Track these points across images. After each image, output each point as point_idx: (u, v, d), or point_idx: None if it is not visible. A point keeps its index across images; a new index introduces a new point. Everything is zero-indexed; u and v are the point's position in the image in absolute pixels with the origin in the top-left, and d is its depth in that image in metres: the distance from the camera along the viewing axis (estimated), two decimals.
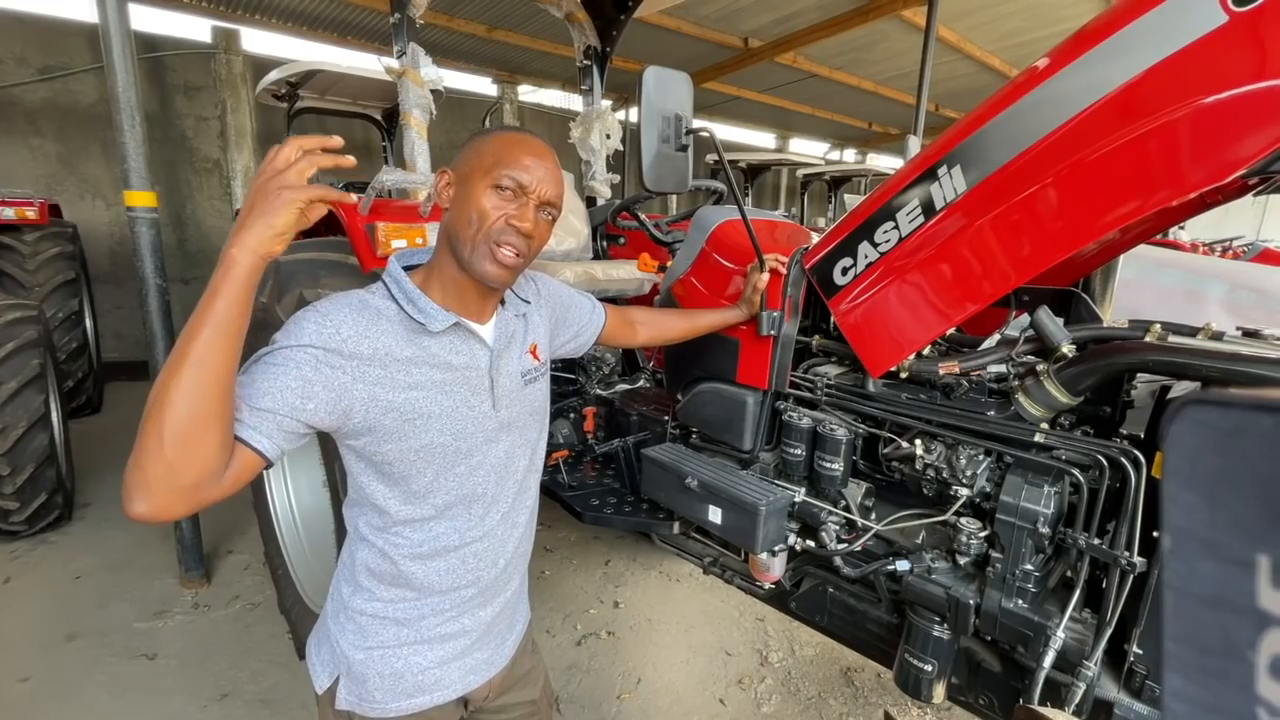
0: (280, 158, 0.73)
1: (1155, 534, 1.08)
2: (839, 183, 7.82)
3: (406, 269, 0.97)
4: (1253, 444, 0.22)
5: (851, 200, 7.24)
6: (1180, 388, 1.16)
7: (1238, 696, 0.23)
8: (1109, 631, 1.12)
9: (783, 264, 1.56)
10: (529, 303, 1.11)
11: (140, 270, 2.45)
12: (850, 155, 14.68)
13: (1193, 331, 1.18)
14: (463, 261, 0.93)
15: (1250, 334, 1.18)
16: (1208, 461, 0.23)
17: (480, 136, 0.96)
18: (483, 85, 9.32)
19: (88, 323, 4.81)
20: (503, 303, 1.05)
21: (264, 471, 2.60)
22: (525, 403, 1.06)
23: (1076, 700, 1.10)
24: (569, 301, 1.27)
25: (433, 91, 2.26)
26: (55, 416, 3.24)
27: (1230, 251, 6.44)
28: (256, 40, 7.21)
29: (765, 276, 1.54)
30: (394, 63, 2.26)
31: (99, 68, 6.00)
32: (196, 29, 6.86)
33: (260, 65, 6.78)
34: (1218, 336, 1.15)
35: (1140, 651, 1.10)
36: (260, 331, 2.14)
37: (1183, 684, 0.25)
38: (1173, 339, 1.13)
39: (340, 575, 1.04)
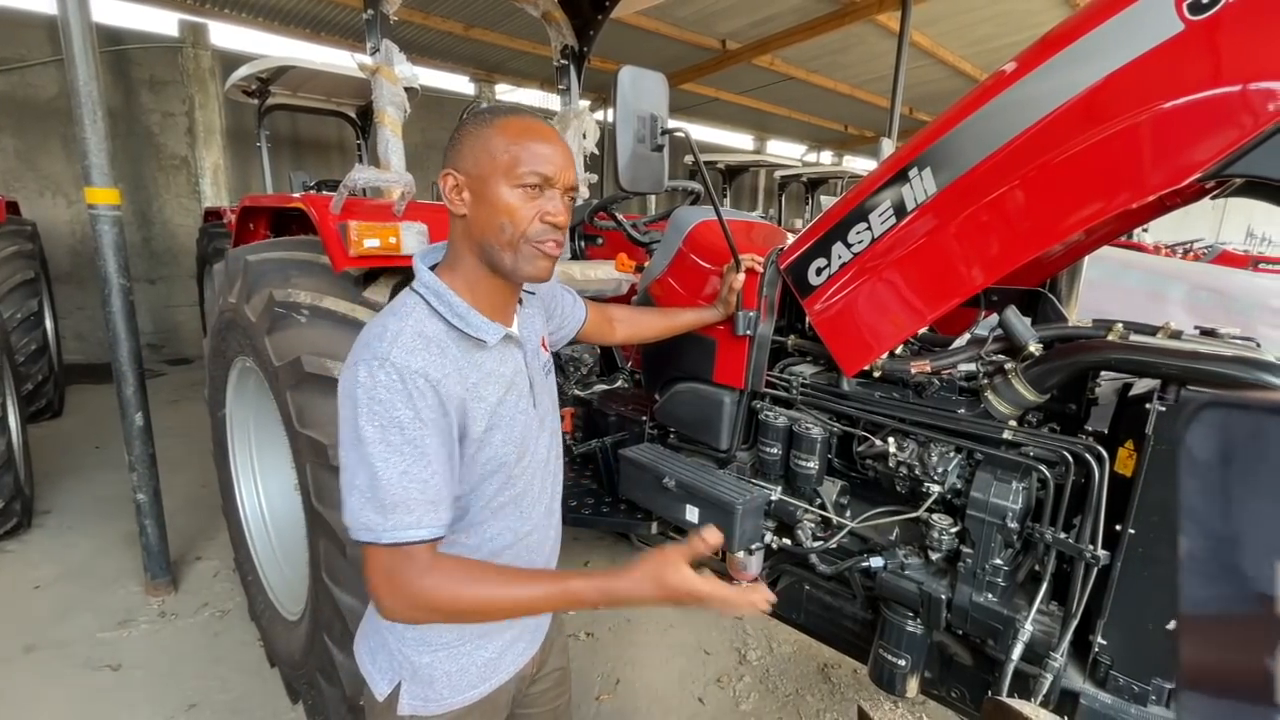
0: (745, 608, 0.92)
1: (1118, 527, 1.11)
2: (816, 184, 7.90)
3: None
4: (1270, 447, 0.21)
5: (828, 202, 7.30)
6: (1141, 385, 1.19)
7: (1255, 702, 0.23)
8: (1074, 623, 1.15)
9: (759, 264, 1.57)
10: (534, 294, 1.12)
11: (103, 270, 2.38)
12: (827, 157, 14.86)
13: (1153, 331, 1.21)
14: (505, 269, 0.91)
15: (1207, 333, 1.22)
16: (1224, 464, 0.23)
17: (480, 129, 0.89)
18: (460, 84, 9.24)
19: (48, 324, 4.66)
20: (519, 300, 1.04)
21: (233, 475, 2.51)
22: (550, 394, 1.09)
23: (1044, 691, 1.13)
24: (554, 293, 1.28)
25: (407, 89, 2.23)
26: (13, 420, 3.13)
27: (1191, 253, 6.66)
28: (225, 35, 7.06)
29: (741, 276, 1.55)
30: (367, 59, 2.23)
31: (59, 60, 5.82)
32: (162, 22, 6.69)
33: (229, 60, 6.65)
34: (1176, 335, 1.19)
35: (1105, 642, 1.13)
36: (229, 332, 2.10)
37: (1200, 689, 0.24)
38: (1134, 338, 1.16)
39: None
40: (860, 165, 12.01)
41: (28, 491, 3.19)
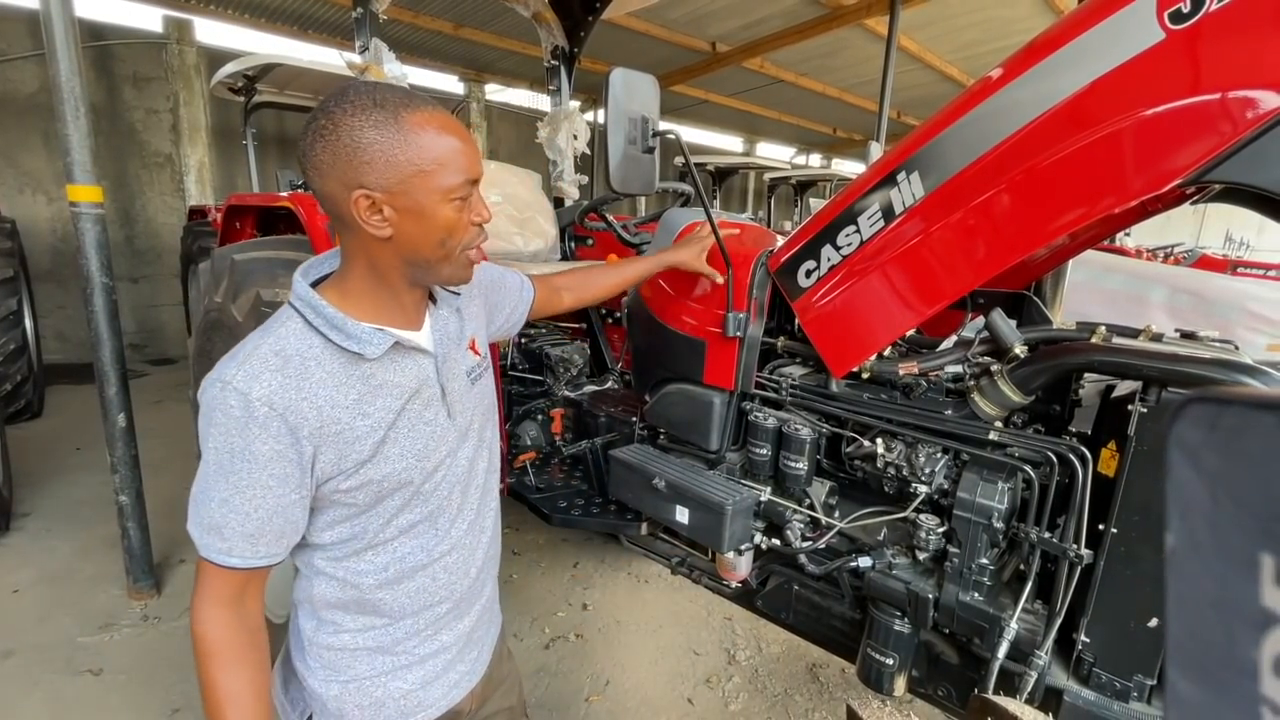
0: None
1: (1101, 527, 1.12)
2: (805, 187, 7.95)
3: (316, 283, 0.86)
4: (1255, 442, 0.22)
5: (817, 204, 7.35)
6: (1124, 387, 1.21)
7: (1241, 696, 0.23)
8: (1059, 621, 1.16)
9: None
10: (459, 294, 1.00)
11: (85, 268, 2.34)
12: (815, 160, 14.93)
13: (1134, 333, 1.23)
14: (438, 279, 0.87)
15: (1187, 336, 1.24)
16: (1210, 460, 0.23)
17: (387, 134, 0.75)
18: (449, 83, 9.20)
19: (27, 323, 4.57)
20: (433, 299, 0.94)
21: None
22: (476, 403, 0.99)
23: (1029, 689, 1.14)
24: (499, 282, 1.19)
25: None
26: None
27: (1172, 257, 6.77)
28: (211, 31, 6.97)
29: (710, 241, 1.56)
30: (356, 58, 2.22)
31: (39, 54, 5.72)
32: (147, 18, 6.60)
33: (215, 57, 6.57)
34: (1157, 338, 1.21)
35: (1088, 640, 1.15)
36: (215, 332, 2.08)
37: (1186, 684, 0.25)
38: (1116, 340, 1.18)
39: (299, 613, 0.96)
40: (848, 168, 12.09)
41: (6, 494, 3.14)
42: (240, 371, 0.76)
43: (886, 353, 1.48)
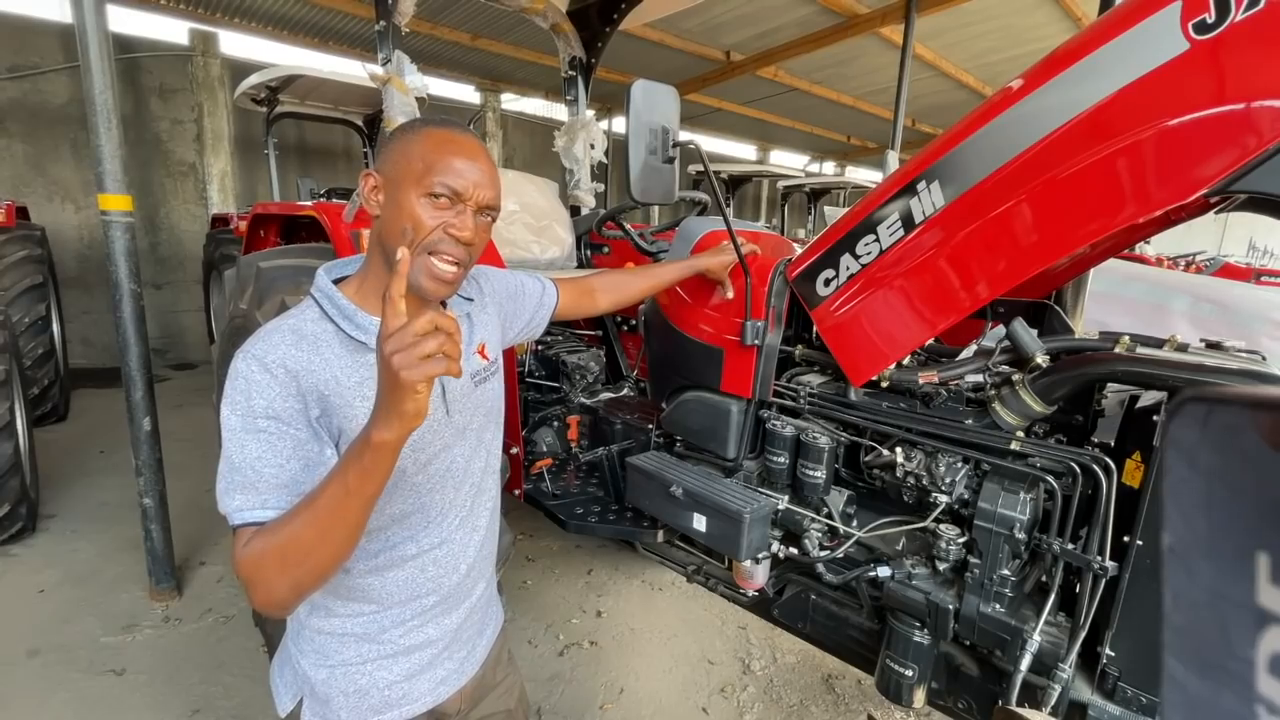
0: (411, 331, 0.66)
1: (1126, 539, 1.11)
2: (818, 195, 7.94)
3: (337, 281, 0.94)
4: (1251, 441, 0.22)
5: (831, 212, 7.36)
6: (1149, 397, 1.20)
7: (1237, 694, 0.23)
8: (1083, 634, 1.15)
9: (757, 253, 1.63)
10: (471, 301, 1.06)
11: (114, 275, 2.40)
12: (829, 168, 14.91)
13: (1159, 343, 1.22)
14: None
15: (1213, 345, 1.23)
16: (1206, 459, 0.23)
17: (406, 135, 0.89)
18: (466, 93, 9.32)
19: (55, 328, 4.67)
20: (443, 305, 0.99)
21: None
22: (477, 405, 1.03)
23: (1052, 702, 1.13)
24: (516, 290, 1.23)
25: (416, 99, 2.26)
26: (20, 424, 3.14)
27: (1193, 266, 6.67)
28: (235, 43, 7.12)
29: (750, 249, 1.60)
30: (378, 69, 2.26)
31: (71, 67, 5.88)
32: (173, 31, 6.76)
33: (238, 69, 6.71)
34: (1183, 348, 1.20)
35: (1113, 654, 1.14)
36: (240, 338, 2.11)
37: (1182, 682, 0.25)
38: (1141, 350, 1.17)
39: None
40: (862, 176, 12.06)
41: (33, 495, 3.20)
42: (260, 344, 0.84)
43: (906, 361, 1.48)
